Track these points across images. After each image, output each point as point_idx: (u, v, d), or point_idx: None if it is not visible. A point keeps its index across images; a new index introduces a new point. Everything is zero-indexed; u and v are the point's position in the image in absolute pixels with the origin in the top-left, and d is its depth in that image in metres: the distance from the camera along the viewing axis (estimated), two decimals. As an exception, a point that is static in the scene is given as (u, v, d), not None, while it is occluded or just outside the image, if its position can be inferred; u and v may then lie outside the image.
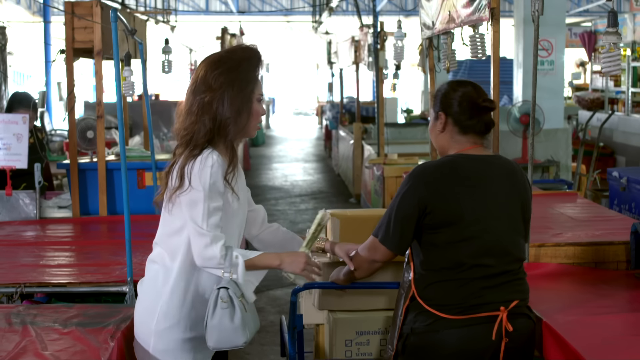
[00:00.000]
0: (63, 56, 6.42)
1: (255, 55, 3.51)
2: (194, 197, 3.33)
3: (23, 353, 3.24)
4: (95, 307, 3.96)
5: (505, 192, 3.53)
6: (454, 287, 3.40)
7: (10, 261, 5.02)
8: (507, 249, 3.48)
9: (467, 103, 3.51)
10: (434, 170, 3.51)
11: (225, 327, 3.33)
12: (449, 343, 3.37)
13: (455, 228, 3.42)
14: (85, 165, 6.57)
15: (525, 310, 3.48)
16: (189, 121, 3.41)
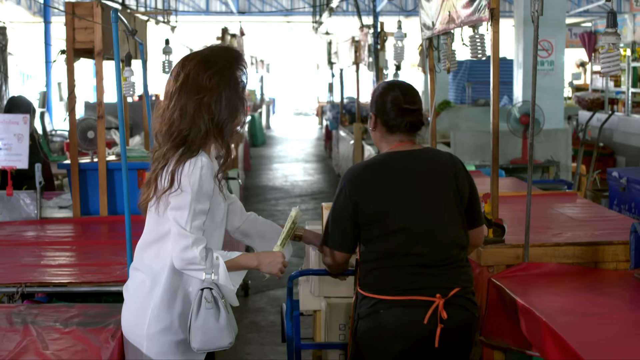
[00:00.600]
0: (64, 56, 6.43)
1: (241, 56, 3.55)
2: (181, 199, 3.32)
3: (24, 352, 3.26)
4: (96, 307, 3.97)
5: (434, 183, 3.75)
6: (391, 274, 3.65)
7: (11, 261, 5.03)
8: (439, 238, 3.69)
9: (392, 105, 3.78)
10: (362, 171, 3.79)
11: (210, 328, 3.32)
12: (388, 322, 3.60)
13: (385, 222, 3.67)
14: (85, 165, 6.57)
15: (463, 302, 3.66)
16: (184, 122, 3.37)
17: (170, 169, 3.35)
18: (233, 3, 31.80)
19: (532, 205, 5.35)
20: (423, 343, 3.60)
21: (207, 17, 31.93)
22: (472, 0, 4.77)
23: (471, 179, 3.89)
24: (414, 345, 3.61)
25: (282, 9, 32.73)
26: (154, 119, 3.52)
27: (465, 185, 3.81)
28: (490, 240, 4.55)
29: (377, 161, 3.82)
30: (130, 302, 3.48)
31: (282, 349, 6.71)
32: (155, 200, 3.40)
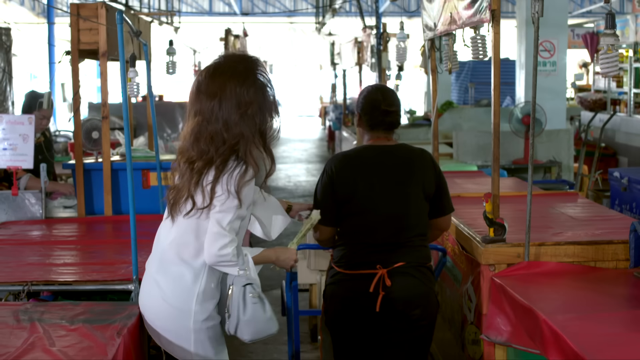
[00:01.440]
0: (68, 57, 6.48)
1: (260, 62, 3.77)
2: (228, 203, 3.59)
3: (31, 349, 3.30)
4: (102, 305, 4.02)
5: (401, 175, 4.33)
6: (349, 250, 4.31)
7: (16, 260, 5.08)
8: (399, 222, 4.28)
9: (372, 107, 4.39)
10: (341, 158, 4.44)
11: (260, 320, 3.67)
12: (340, 292, 4.30)
13: (351, 203, 4.30)
14: (90, 165, 6.62)
15: (410, 271, 4.23)
16: (230, 134, 3.59)
17: (215, 177, 3.59)
18: (236, 4, 31.85)
19: (533, 205, 5.39)
20: (371, 310, 4.16)
21: (210, 18, 31.99)
22: (474, 1, 4.81)
23: (440, 173, 4.46)
24: (363, 312, 4.20)
25: (285, 10, 32.78)
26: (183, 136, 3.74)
27: (431, 179, 4.37)
28: (491, 240, 4.59)
29: (355, 151, 4.47)
30: (169, 297, 3.69)
31: (284, 349, 6.75)
32: (196, 210, 3.63)
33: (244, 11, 32.06)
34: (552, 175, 10.65)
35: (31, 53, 24.50)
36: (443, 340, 5.87)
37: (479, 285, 4.67)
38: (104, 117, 6.41)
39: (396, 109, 4.45)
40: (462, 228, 5.11)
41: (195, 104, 3.67)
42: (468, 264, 4.95)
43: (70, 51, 6.42)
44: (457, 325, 5.33)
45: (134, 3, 17.12)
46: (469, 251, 4.89)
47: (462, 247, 5.10)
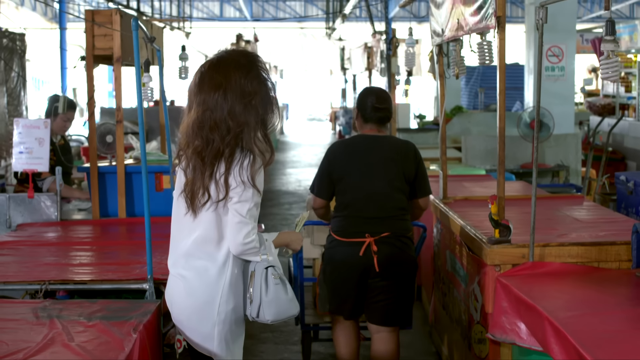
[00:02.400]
0: (82, 62, 6.61)
1: (259, 57, 3.95)
2: (245, 193, 3.71)
3: (51, 344, 3.42)
4: (118, 303, 4.14)
5: (385, 161, 5.34)
6: (343, 221, 5.35)
7: (33, 260, 5.21)
8: (382, 199, 5.31)
9: (367, 104, 5.44)
10: (339, 144, 5.59)
11: (282, 300, 3.83)
12: (336, 255, 5.36)
13: (344, 181, 5.35)
14: (104, 168, 6.73)
15: (392, 241, 5.27)
16: (235, 123, 3.71)
17: (226, 170, 3.72)
18: (247, 9, 32.01)
19: (540, 208, 5.51)
20: (360, 271, 5.25)
21: (220, 23, 32.14)
22: (480, 8, 4.93)
23: (420, 162, 5.45)
24: (353, 273, 5.27)
25: (295, 15, 32.92)
26: (184, 129, 3.84)
27: (412, 166, 5.38)
28: (496, 240, 4.70)
29: (350, 139, 5.63)
30: (195, 291, 3.79)
31: (295, 348, 6.87)
32: (212, 203, 3.74)
33: (254, 16, 32.23)
34: (560, 179, 10.73)
35: (42, 58, 24.65)
36: (451, 340, 5.98)
37: (485, 285, 4.78)
38: (118, 121, 6.53)
39: (386, 107, 5.46)
40: (469, 229, 5.22)
41: (198, 95, 3.77)
42: (474, 265, 5.06)
43: (85, 56, 6.54)
44: (464, 325, 5.43)
45: (145, 9, 17.29)
46: (475, 252, 5.00)
47: (469, 248, 5.21)
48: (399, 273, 5.30)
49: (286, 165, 21.47)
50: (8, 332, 3.59)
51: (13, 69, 10.67)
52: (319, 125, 39.76)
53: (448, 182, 6.88)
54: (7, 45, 10.85)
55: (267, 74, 3.86)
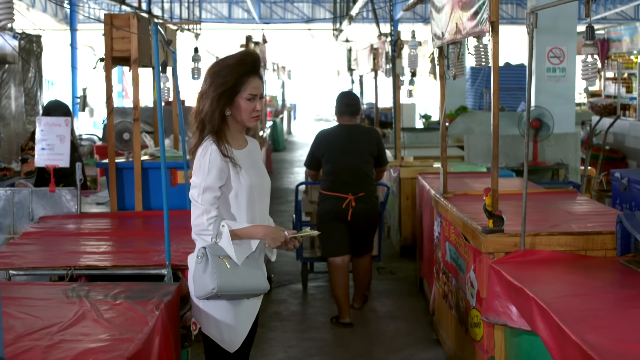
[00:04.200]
0: (102, 64, 6.96)
1: (241, 61, 4.24)
2: (195, 179, 4.17)
3: (82, 319, 3.78)
4: (140, 285, 4.49)
5: (356, 142, 7.67)
6: (329, 182, 7.64)
7: (57, 249, 5.56)
8: (355, 170, 7.63)
9: (342, 103, 7.85)
10: (322, 132, 7.97)
11: (198, 278, 4.09)
12: (325, 206, 7.68)
13: (328, 157, 7.70)
14: (122, 164, 7.08)
15: (366, 200, 7.62)
16: (203, 113, 4.23)
17: (192, 153, 4.29)
18: (255, 11, 32.32)
19: (535, 202, 5.90)
20: (343, 219, 7.54)
21: (229, 25, 32.43)
22: (476, 13, 5.26)
23: (380, 142, 7.87)
24: (338, 220, 7.56)
25: (303, 17, 33.24)
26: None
27: (374, 146, 7.76)
28: (490, 230, 5.04)
29: (331, 128, 7.99)
30: (190, 271, 4.27)
31: (302, 336, 7.21)
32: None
33: (262, 17, 32.56)
34: (559, 177, 11.04)
35: (52, 59, 25.00)
36: (450, 326, 6.32)
37: (480, 272, 5.12)
38: (135, 119, 6.88)
39: (355, 104, 7.86)
40: (466, 221, 5.56)
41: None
42: (471, 254, 5.40)
43: (103, 58, 6.89)
44: (462, 311, 5.78)
45: (155, 10, 17.62)
46: (472, 241, 5.34)
47: (466, 239, 5.55)
48: (369, 220, 7.72)
49: (294, 165, 21.81)
50: (42, 309, 3.94)
51: (31, 68, 11.03)
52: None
53: (450, 178, 7.25)
54: (25, 46, 11.24)
55: (228, 77, 4.17)
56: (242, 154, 4.26)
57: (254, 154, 4.39)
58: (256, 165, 4.36)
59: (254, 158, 4.38)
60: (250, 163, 4.29)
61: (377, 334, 7.34)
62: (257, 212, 4.30)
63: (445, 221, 6.46)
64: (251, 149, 4.38)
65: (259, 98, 4.24)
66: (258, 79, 4.25)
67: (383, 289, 8.80)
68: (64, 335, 3.53)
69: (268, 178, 4.46)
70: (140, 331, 3.62)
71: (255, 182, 4.27)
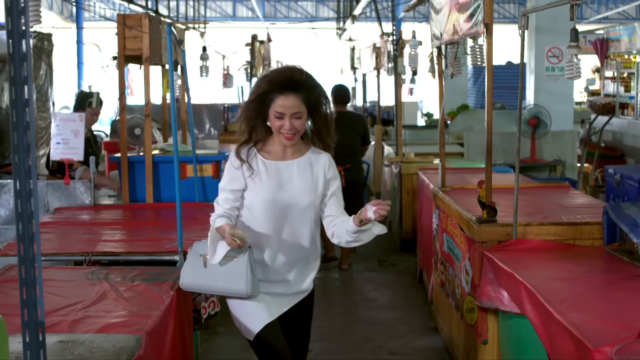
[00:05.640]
0: (114, 62, 7.26)
1: (272, 78, 4.18)
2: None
3: (103, 298, 4.09)
4: (155, 269, 4.80)
5: (349, 124, 9.51)
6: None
7: (73, 237, 5.88)
8: (349, 146, 9.49)
9: (336, 94, 9.85)
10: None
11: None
12: None
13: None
14: (133, 158, 7.39)
15: (352, 169, 9.54)
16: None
17: None
18: (259, 9, 32.61)
19: (529, 195, 6.21)
20: None
21: (233, 23, 32.73)
22: (471, 15, 5.56)
23: (366, 126, 10.00)
24: None
25: (307, 15, 33.53)
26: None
27: (361, 128, 9.83)
28: (484, 220, 5.34)
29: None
30: None
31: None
32: None
33: (266, 16, 32.85)
34: (557, 174, 11.34)
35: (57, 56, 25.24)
36: (447, 313, 6.62)
37: (474, 260, 5.42)
38: (147, 115, 7.18)
39: (345, 94, 10.02)
40: (461, 212, 5.86)
41: None
42: (466, 243, 5.70)
43: (117, 56, 7.19)
44: (457, 298, 6.07)
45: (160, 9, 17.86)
46: (467, 231, 5.64)
47: (462, 229, 5.85)
48: (355, 189, 9.53)
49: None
50: (65, 290, 4.25)
51: (44, 65, 11.29)
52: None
53: (450, 174, 7.56)
54: (36, 44, 11.51)
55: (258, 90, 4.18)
56: (277, 166, 4.22)
57: (301, 169, 4.27)
58: (291, 182, 4.22)
59: (295, 173, 4.25)
60: (282, 177, 4.21)
61: (378, 322, 7.64)
62: (279, 230, 4.22)
63: (443, 213, 6.76)
64: (301, 163, 4.28)
65: (290, 117, 4.10)
66: (293, 97, 4.10)
67: (384, 281, 9.11)
68: (87, 312, 3.84)
69: (307, 198, 4.24)
70: (157, 308, 3.93)
71: (278, 197, 4.17)
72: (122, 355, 3.16)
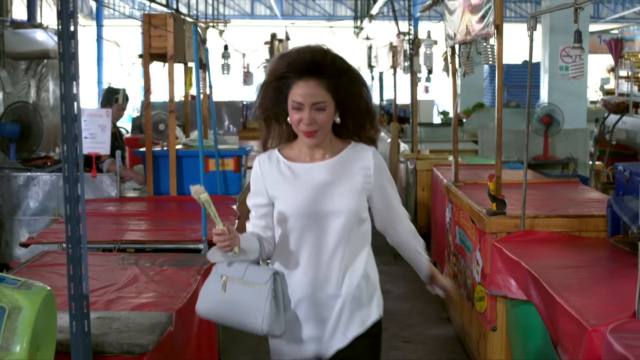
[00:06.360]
0: (140, 60, 7.56)
1: (290, 57, 3.44)
2: None
3: (135, 281, 4.38)
4: (181, 255, 5.10)
5: None
6: None
7: (102, 227, 6.16)
8: None
9: None
10: None
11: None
12: None
13: None
14: (158, 152, 7.67)
15: None
16: None
17: None
18: (277, 7, 32.87)
19: (539, 190, 6.48)
20: None
21: (251, 21, 33.00)
22: (483, 17, 5.82)
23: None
24: None
25: (324, 14, 33.78)
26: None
27: None
28: (493, 212, 5.59)
29: None
30: None
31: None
32: None
33: (284, 14, 33.12)
34: (569, 171, 11.57)
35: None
36: (459, 304, 6.88)
37: (485, 251, 5.68)
38: (171, 111, 7.46)
39: None
40: (473, 205, 6.12)
41: None
42: (477, 235, 5.96)
43: (142, 54, 7.47)
44: (469, 288, 6.33)
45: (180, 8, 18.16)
46: (478, 223, 5.90)
47: (473, 221, 6.11)
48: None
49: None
50: (99, 274, 4.54)
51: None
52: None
53: (463, 170, 7.83)
54: (62, 42, 11.84)
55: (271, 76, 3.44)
56: (306, 170, 3.41)
57: (336, 171, 3.40)
58: (324, 188, 3.36)
59: (328, 177, 3.39)
60: (312, 183, 3.38)
61: (393, 312, 7.89)
62: (313, 253, 3.37)
63: (456, 207, 7.02)
64: (336, 164, 3.42)
65: (310, 108, 3.29)
66: (314, 83, 3.30)
67: (399, 273, 9.35)
68: (120, 293, 4.14)
69: (344, 205, 3.36)
70: (185, 290, 4.21)
71: (307, 209, 3.35)
72: (155, 329, 3.44)
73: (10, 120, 8.82)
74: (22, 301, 2.69)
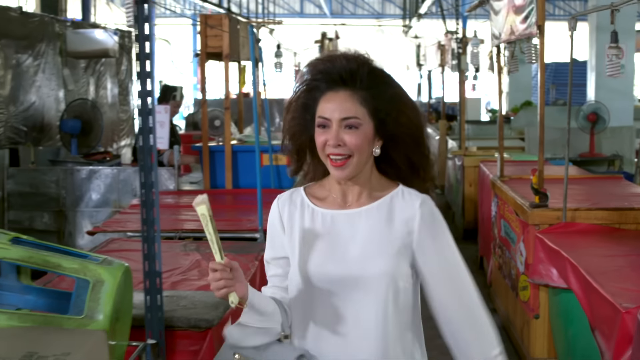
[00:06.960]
0: (196, 59, 7.89)
1: (317, 63, 2.62)
2: None
3: (197, 266, 4.70)
4: (239, 243, 5.41)
5: None
6: None
7: (162, 217, 6.41)
8: None
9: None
10: None
11: None
12: None
13: None
14: (214, 147, 7.99)
15: None
16: None
17: None
18: (326, 6, 33.17)
19: (582, 185, 6.72)
20: None
21: (301, 20, 33.34)
22: (526, 17, 6.06)
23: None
24: None
25: (373, 12, 34.01)
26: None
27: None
28: (536, 205, 5.84)
29: None
30: None
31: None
32: None
33: (333, 13, 33.41)
34: (615, 168, 11.71)
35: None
36: (504, 293, 7.12)
37: (528, 242, 5.92)
38: (226, 108, 7.78)
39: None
40: (517, 198, 6.36)
41: None
42: (520, 227, 6.20)
43: (199, 53, 7.80)
44: (513, 278, 6.57)
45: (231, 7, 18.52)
46: (521, 216, 6.14)
47: (517, 214, 6.35)
48: None
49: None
50: (163, 259, 4.78)
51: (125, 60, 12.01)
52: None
53: (509, 166, 8.07)
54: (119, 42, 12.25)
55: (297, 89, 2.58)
56: (334, 218, 2.57)
57: (374, 223, 2.53)
58: (354, 243, 2.51)
59: (362, 229, 2.53)
60: (340, 236, 2.54)
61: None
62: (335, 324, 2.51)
63: (501, 201, 7.26)
64: (374, 212, 2.54)
65: (338, 125, 2.46)
66: (344, 94, 2.47)
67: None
68: (185, 275, 4.46)
69: (378, 268, 2.46)
70: (244, 274, 4.50)
71: (329, 270, 2.52)
72: (219, 307, 3.75)
73: (72, 117, 9.21)
74: (105, 275, 3.00)
